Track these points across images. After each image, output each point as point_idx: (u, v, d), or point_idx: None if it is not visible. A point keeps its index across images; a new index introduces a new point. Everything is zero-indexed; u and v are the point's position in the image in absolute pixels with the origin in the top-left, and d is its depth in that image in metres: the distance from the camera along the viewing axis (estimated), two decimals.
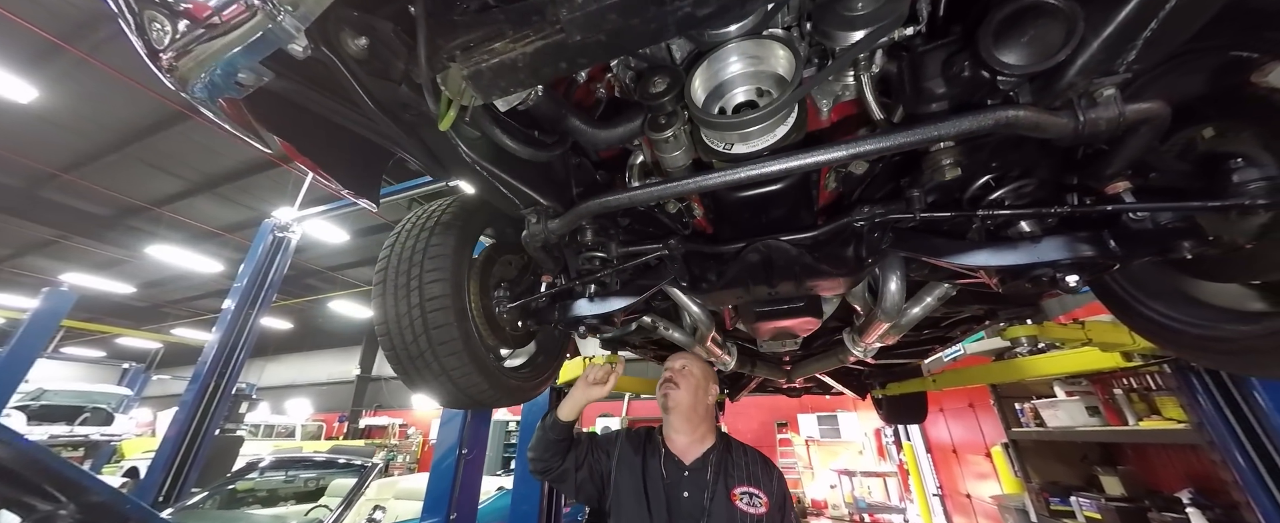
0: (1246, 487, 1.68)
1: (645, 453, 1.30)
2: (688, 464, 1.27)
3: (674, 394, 1.33)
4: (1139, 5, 0.50)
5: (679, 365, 1.38)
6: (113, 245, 11.24)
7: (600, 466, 1.31)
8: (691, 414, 1.33)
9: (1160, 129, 0.63)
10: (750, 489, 1.21)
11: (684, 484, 1.23)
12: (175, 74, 0.66)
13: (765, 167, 0.72)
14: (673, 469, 1.26)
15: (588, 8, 0.52)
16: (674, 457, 1.29)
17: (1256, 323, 0.74)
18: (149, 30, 0.65)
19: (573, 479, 1.30)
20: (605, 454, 1.32)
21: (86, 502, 1.94)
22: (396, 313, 1.04)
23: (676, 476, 1.25)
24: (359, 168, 0.96)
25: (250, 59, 0.61)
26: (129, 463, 8.08)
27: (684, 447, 1.31)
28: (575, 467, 1.29)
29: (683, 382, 1.34)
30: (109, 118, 7.59)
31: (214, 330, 4.63)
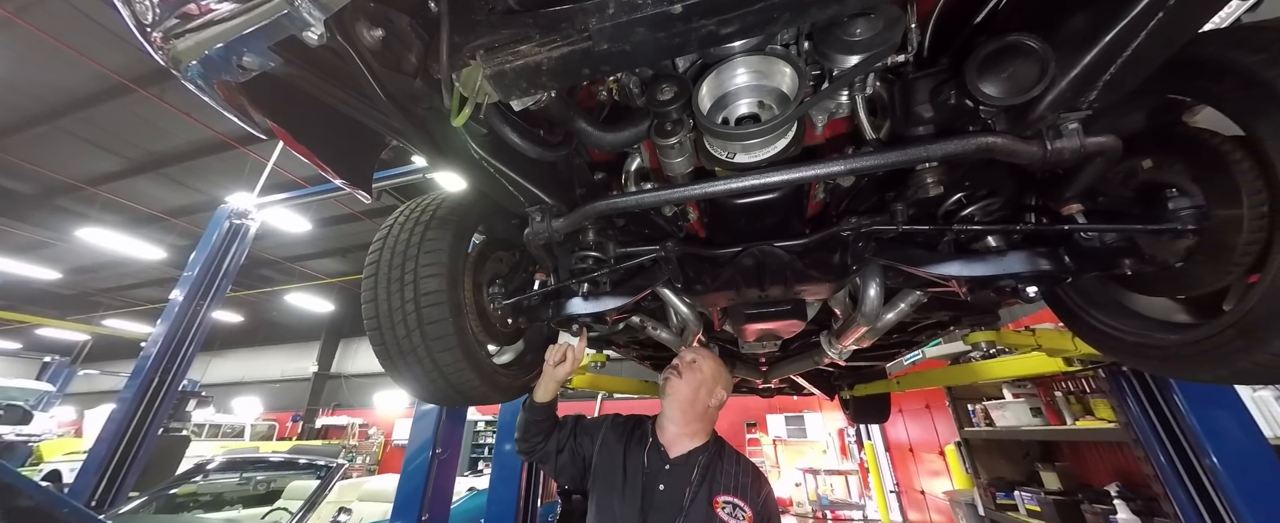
0: (1165, 480, 1.87)
1: (629, 440, 1.28)
2: (672, 458, 1.23)
3: (674, 382, 1.30)
4: (1100, 52, 0.58)
5: (689, 358, 1.33)
6: (36, 226, 10.23)
7: (583, 448, 1.30)
8: (687, 408, 1.28)
9: (1113, 159, 0.72)
10: (734, 500, 1.14)
11: (663, 477, 1.19)
12: (168, 52, 0.63)
13: (768, 177, 0.76)
14: (655, 460, 1.23)
15: (618, 19, 0.54)
16: (660, 448, 1.25)
17: (1181, 333, 0.85)
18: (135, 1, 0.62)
19: (554, 462, 1.30)
20: (589, 438, 1.31)
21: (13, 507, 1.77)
22: (389, 307, 1.02)
23: (657, 466, 1.21)
24: (353, 157, 0.94)
25: (259, 43, 0.60)
26: (49, 466, 7.36)
27: (672, 438, 1.26)
28: (557, 449, 1.29)
29: (687, 374, 1.29)
30: (38, 86, 6.91)
31: (159, 322, 4.30)
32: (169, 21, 0.61)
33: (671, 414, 1.28)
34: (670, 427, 1.27)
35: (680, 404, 1.27)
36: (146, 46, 0.65)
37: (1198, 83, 0.74)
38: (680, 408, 1.27)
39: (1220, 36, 0.73)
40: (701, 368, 1.31)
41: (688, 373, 1.29)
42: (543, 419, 1.28)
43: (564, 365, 1.25)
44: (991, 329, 1.86)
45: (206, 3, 0.59)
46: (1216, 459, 1.68)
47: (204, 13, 0.60)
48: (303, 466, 3.77)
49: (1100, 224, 0.83)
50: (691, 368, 1.30)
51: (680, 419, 1.27)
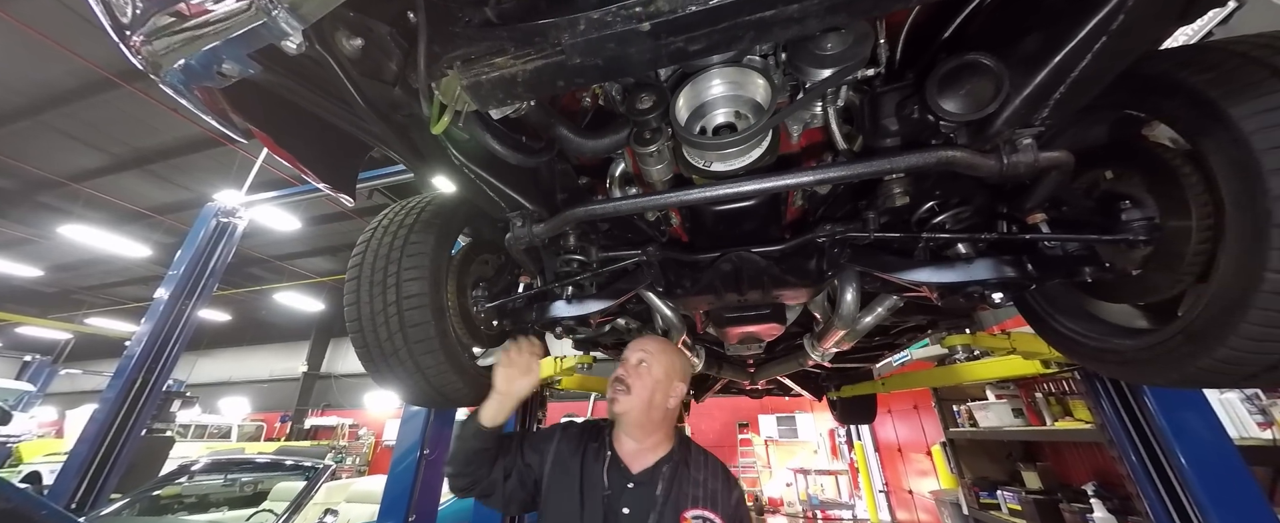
0: (1136, 480, 1.93)
1: (586, 456, 1.10)
2: (635, 474, 1.07)
3: (622, 400, 1.10)
4: (1051, 72, 0.60)
5: (635, 360, 1.14)
6: (17, 223, 10.02)
7: (532, 469, 1.11)
8: (644, 421, 1.10)
9: (1067, 173, 0.75)
10: (705, 513, 1.01)
11: (626, 498, 1.03)
12: (147, 57, 0.64)
13: (741, 186, 0.78)
14: (616, 478, 1.06)
15: (589, 35, 0.56)
16: (620, 463, 1.09)
17: (1136, 338, 0.88)
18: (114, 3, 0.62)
19: (501, 491, 1.09)
20: (538, 455, 1.12)
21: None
22: (371, 310, 1.03)
23: (619, 486, 1.05)
24: (336, 161, 0.95)
25: (238, 51, 0.61)
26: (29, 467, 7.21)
27: (633, 453, 1.10)
28: (504, 476, 1.09)
29: (636, 383, 1.10)
30: (19, 80, 6.77)
31: (144, 321, 4.24)
32: (147, 26, 0.62)
33: (629, 431, 1.12)
34: (628, 442, 1.12)
35: (635, 420, 1.10)
36: (125, 50, 0.65)
37: (1151, 99, 0.78)
38: (636, 423, 1.10)
39: (1172, 56, 0.76)
40: (651, 370, 1.12)
41: (637, 380, 1.11)
42: (490, 447, 1.08)
43: (527, 377, 1.07)
44: (967, 332, 1.90)
45: (185, 7, 0.60)
46: (1184, 460, 1.74)
47: (182, 18, 0.60)
48: (289, 467, 3.74)
49: (1059, 233, 0.86)
50: (640, 373, 1.12)
51: (639, 434, 1.11)
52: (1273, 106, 0.63)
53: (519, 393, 1.08)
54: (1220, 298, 0.70)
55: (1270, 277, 0.63)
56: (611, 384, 1.14)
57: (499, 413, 1.07)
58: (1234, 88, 0.67)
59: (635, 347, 1.18)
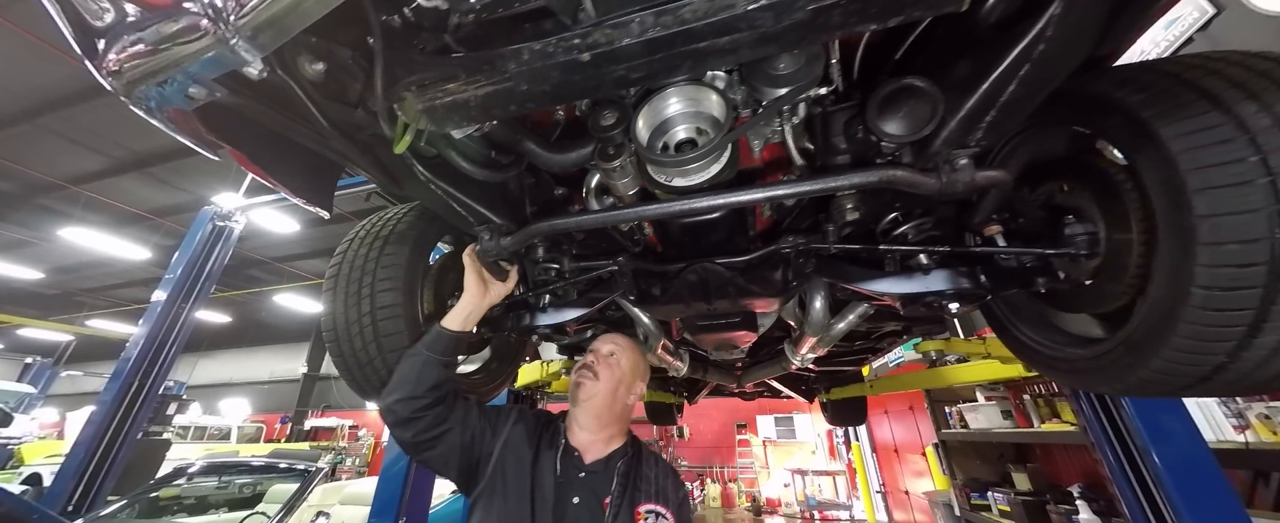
0: (1114, 480, 1.95)
1: (541, 443, 1.08)
2: (587, 464, 1.06)
3: (589, 386, 1.10)
4: (981, 97, 0.63)
5: (606, 351, 1.15)
6: (18, 226, 10.07)
7: (483, 441, 1.04)
8: (605, 412, 1.11)
9: (1006, 190, 0.77)
10: (657, 508, 1.02)
11: (577, 487, 1.02)
12: (118, 80, 0.66)
13: (693, 202, 0.81)
14: (568, 467, 1.05)
15: (533, 65, 0.59)
16: (573, 453, 1.07)
17: (1085, 348, 0.91)
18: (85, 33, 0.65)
19: (456, 442, 1.01)
20: (490, 429, 1.06)
21: None
22: (346, 321, 1.06)
23: (571, 475, 1.04)
24: (311, 176, 0.98)
25: (201, 76, 0.63)
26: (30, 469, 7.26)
27: (586, 444, 1.09)
28: (462, 428, 1.02)
29: (604, 372, 1.11)
30: (18, 84, 6.82)
31: (141, 324, 4.27)
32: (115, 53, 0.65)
33: (585, 421, 1.10)
34: (583, 433, 1.11)
35: (597, 409, 1.10)
36: (97, 75, 0.68)
37: (1093, 117, 0.80)
38: (596, 413, 1.10)
39: (1113, 75, 0.79)
40: (621, 363, 1.14)
41: (605, 370, 1.12)
42: (448, 363, 1.00)
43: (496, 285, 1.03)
44: (940, 338, 1.93)
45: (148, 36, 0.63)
46: (1159, 461, 1.76)
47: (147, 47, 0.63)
48: (283, 469, 3.77)
49: (1014, 246, 0.89)
50: (609, 363, 1.13)
51: (595, 425, 1.10)
52: (1198, 128, 0.66)
53: (493, 297, 1.05)
54: (1154, 311, 0.73)
55: (1197, 292, 0.66)
56: (578, 370, 1.15)
57: (469, 319, 1.02)
58: (1165, 108, 0.69)
59: (607, 339, 1.20)
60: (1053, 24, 0.55)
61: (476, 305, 1.03)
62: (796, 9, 0.50)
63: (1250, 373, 0.69)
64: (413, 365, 0.98)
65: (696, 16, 0.52)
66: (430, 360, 0.97)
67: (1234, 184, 0.63)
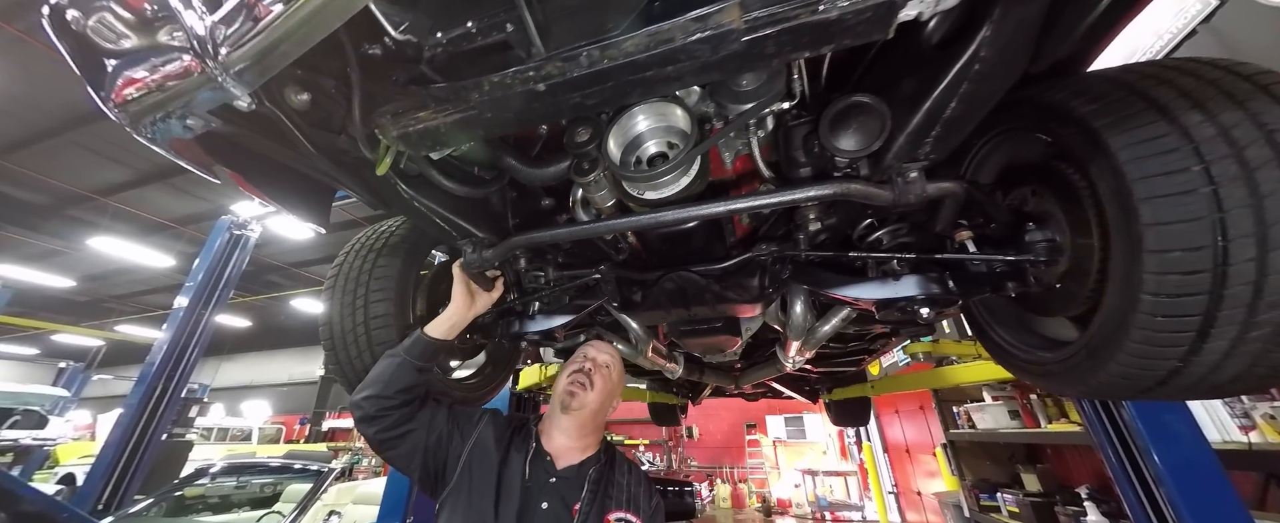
0: (1116, 481, 1.93)
1: (509, 445, 1.07)
2: (559, 470, 1.05)
3: (582, 395, 1.10)
4: (926, 112, 0.65)
5: (603, 360, 1.16)
6: (50, 236, 10.52)
7: (452, 444, 1.04)
8: (589, 422, 1.11)
9: (959, 200, 0.79)
10: (627, 516, 1.01)
11: (546, 492, 1.01)
12: (124, 114, 0.73)
13: (661, 215, 0.84)
14: (538, 471, 1.04)
15: (494, 95, 0.63)
16: (544, 457, 1.06)
17: (1054, 351, 0.92)
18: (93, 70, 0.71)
19: (419, 443, 1.02)
20: (459, 433, 1.06)
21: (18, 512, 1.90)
22: (342, 329, 1.12)
23: (541, 480, 1.03)
24: (307, 195, 1.03)
25: (195, 110, 0.69)
26: (64, 469, 7.59)
27: (561, 450, 1.08)
28: (427, 430, 1.02)
29: (599, 382, 1.12)
30: (48, 101, 7.13)
31: (164, 329, 4.46)
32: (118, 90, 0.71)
33: (567, 427, 1.10)
34: (561, 438, 1.10)
35: (583, 419, 1.10)
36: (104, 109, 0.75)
37: (1050, 125, 0.81)
38: (581, 423, 1.10)
39: (1070, 85, 0.80)
40: (612, 376, 1.15)
41: (600, 381, 1.12)
42: (424, 368, 1.01)
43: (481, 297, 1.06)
44: (929, 340, 1.92)
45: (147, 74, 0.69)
46: (1159, 461, 1.74)
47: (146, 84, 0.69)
48: (297, 470, 3.89)
49: (969, 253, 0.90)
50: (604, 374, 1.13)
51: (577, 433, 1.10)
52: (1144, 138, 0.67)
53: (480, 306, 1.08)
54: (1108, 317, 0.74)
55: (1145, 298, 0.67)
56: (571, 376, 1.13)
57: (453, 328, 1.04)
58: (1115, 119, 0.70)
59: (601, 347, 1.20)
60: (985, 45, 0.58)
61: (461, 316, 1.06)
62: (731, 41, 0.53)
63: (1205, 378, 0.70)
64: (387, 366, 1.00)
65: (639, 49, 0.55)
66: (405, 363, 1.00)
67: (1178, 193, 0.64)
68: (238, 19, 0.60)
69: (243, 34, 0.60)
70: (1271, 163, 0.61)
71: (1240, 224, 0.61)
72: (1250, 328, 0.63)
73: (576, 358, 1.19)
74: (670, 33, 0.53)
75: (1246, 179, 0.61)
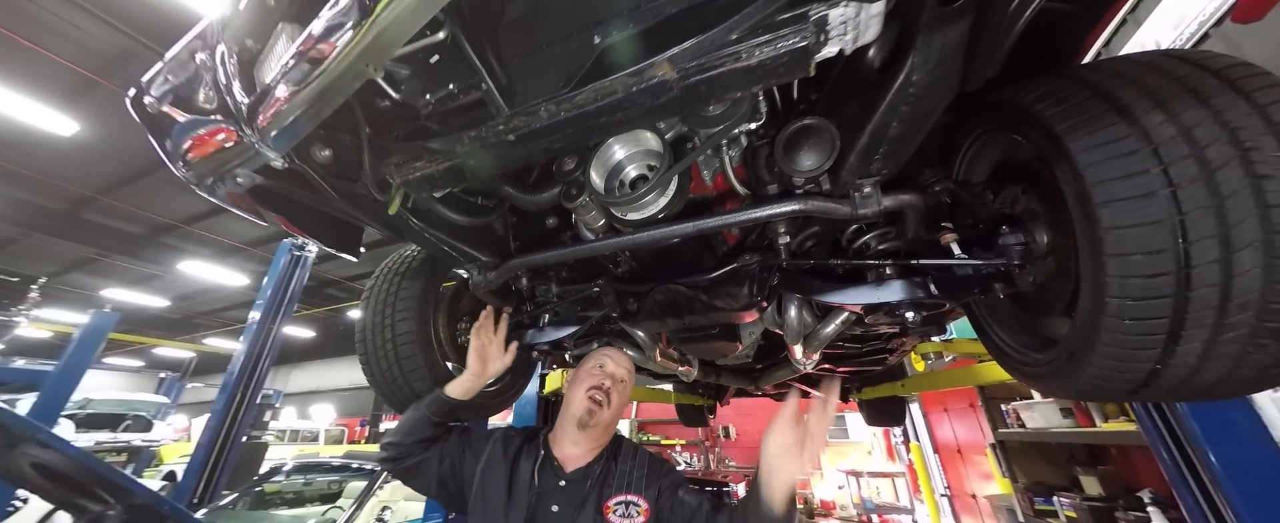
0: (1172, 483, 1.79)
1: (518, 457, 1.12)
2: (567, 473, 1.10)
3: (602, 414, 1.14)
4: (871, 133, 0.69)
5: (621, 375, 1.20)
6: (148, 262, 11.95)
7: (467, 465, 1.12)
8: (605, 432, 1.16)
9: (919, 211, 0.81)
10: (628, 497, 1.04)
11: (555, 496, 1.05)
12: (189, 174, 0.89)
13: (638, 237, 0.91)
14: (547, 478, 1.09)
15: (474, 147, 0.72)
16: (553, 463, 1.12)
17: (1043, 352, 0.90)
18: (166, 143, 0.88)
19: (433, 472, 1.10)
20: (473, 455, 1.13)
21: (130, 503, 2.23)
22: (375, 345, 1.26)
23: (550, 485, 1.08)
24: (339, 230, 1.19)
25: (242, 170, 0.84)
26: (167, 467, 8.62)
27: (572, 456, 1.13)
28: (439, 459, 1.11)
29: (617, 398, 1.16)
30: (141, 144, 8.09)
31: (241, 341, 4.99)
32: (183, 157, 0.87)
33: (580, 439, 1.14)
34: (573, 448, 1.14)
35: (599, 433, 1.15)
36: (174, 170, 0.91)
37: (1021, 128, 0.81)
38: (596, 437, 1.15)
39: (1042, 85, 0.80)
40: (628, 387, 1.20)
41: (618, 396, 1.17)
42: (440, 422, 1.12)
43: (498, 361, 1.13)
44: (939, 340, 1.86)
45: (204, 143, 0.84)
46: (1217, 462, 1.60)
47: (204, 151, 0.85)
48: (355, 468, 4.25)
49: (948, 258, 0.91)
50: (621, 389, 1.18)
51: (589, 441, 1.15)
52: (1104, 141, 0.67)
53: (490, 372, 1.15)
54: (1082, 319, 0.74)
55: (1111, 302, 0.67)
56: (591, 391, 1.16)
57: (463, 391, 1.13)
58: (1076, 122, 0.70)
59: (620, 360, 1.24)
60: (916, 69, 0.61)
61: (476, 380, 1.16)
62: (668, 90, 0.60)
63: (1187, 381, 0.68)
64: (411, 419, 1.13)
65: (588, 102, 0.63)
66: (425, 418, 1.11)
67: (1137, 196, 0.64)
68: (268, 98, 0.73)
69: (273, 109, 0.73)
70: (1233, 162, 0.60)
71: (1202, 226, 0.60)
72: (1223, 330, 0.62)
73: (592, 372, 1.22)
74: (613, 86, 0.60)
75: (1207, 180, 0.60)
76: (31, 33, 6.02)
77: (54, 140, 7.34)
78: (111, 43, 6.29)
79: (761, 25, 0.54)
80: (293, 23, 0.67)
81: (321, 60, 0.60)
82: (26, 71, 6.40)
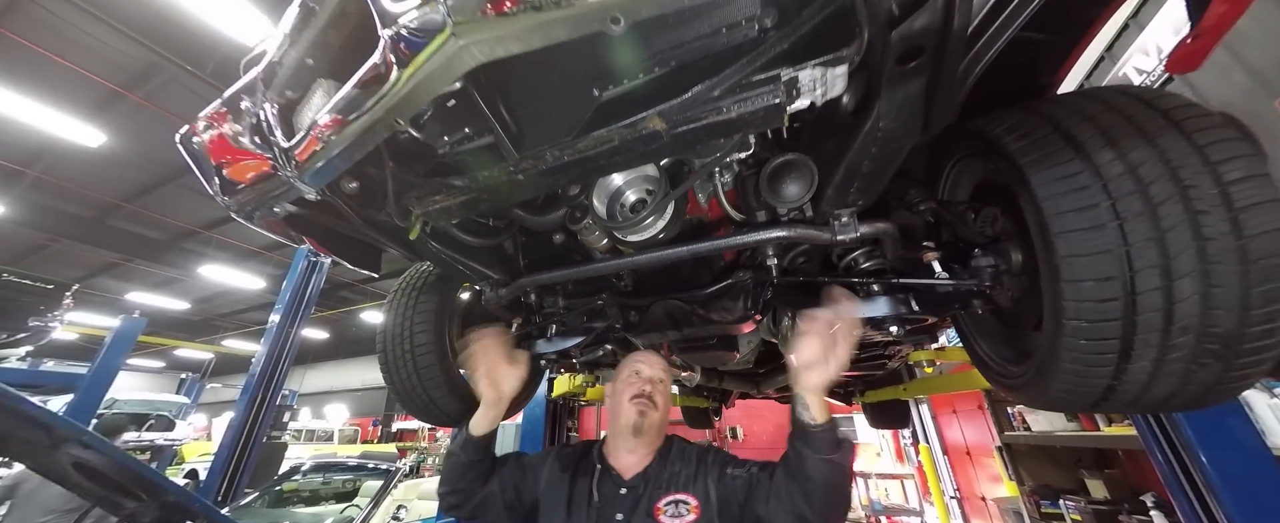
0: (1168, 486, 1.82)
1: (576, 472, 1.13)
2: (627, 481, 1.09)
3: (652, 416, 1.12)
4: (845, 170, 0.76)
5: (659, 376, 1.18)
6: (169, 266, 12.33)
7: (528, 489, 1.13)
8: (657, 433, 1.15)
9: (894, 237, 0.88)
10: (678, 496, 1.04)
11: (618, 505, 1.05)
12: (231, 204, 0.98)
13: (636, 260, 0.99)
14: (607, 488, 1.08)
15: (487, 184, 0.81)
16: (611, 474, 1.11)
17: (1019, 366, 0.96)
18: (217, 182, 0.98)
19: (500, 504, 1.11)
20: (534, 476, 1.14)
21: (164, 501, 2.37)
22: (395, 356, 1.36)
23: (610, 495, 1.07)
24: (363, 250, 1.28)
25: (280, 202, 0.93)
26: (189, 466, 8.90)
27: (629, 465, 1.13)
28: (501, 489, 1.11)
29: (661, 399, 1.15)
30: (164, 153, 8.42)
31: (261, 344, 5.15)
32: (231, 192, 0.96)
33: (634, 446, 1.13)
34: (629, 456, 1.14)
35: (653, 436, 1.13)
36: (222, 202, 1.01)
37: (990, 158, 0.88)
38: (651, 441, 1.14)
39: (1007, 119, 0.86)
40: (667, 387, 1.19)
41: (660, 397, 1.15)
42: (481, 459, 1.09)
43: (509, 381, 1.08)
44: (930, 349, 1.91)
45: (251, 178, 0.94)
46: (1209, 465, 1.63)
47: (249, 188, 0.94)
48: (370, 468, 4.39)
49: (924, 278, 0.97)
50: (663, 392, 1.17)
51: (643, 445, 1.14)
52: (1060, 176, 0.73)
53: (507, 393, 1.10)
54: (1046, 337, 0.80)
55: (1068, 323, 0.73)
56: (634, 400, 1.14)
57: (488, 422, 1.09)
58: (1037, 156, 0.76)
59: (654, 363, 1.21)
60: (882, 116, 0.68)
61: (496, 407, 1.10)
62: (659, 139, 0.68)
63: (1140, 396, 0.74)
64: (451, 467, 1.12)
65: (589, 148, 0.71)
66: (462, 461, 1.10)
67: (1089, 227, 0.70)
68: (306, 142, 0.82)
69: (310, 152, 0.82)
70: (1173, 198, 0.65)
71: (1146, 256, 0.66)
72: (1168, 351, 0.68)
73: (630, 380, 1.19)
74: (610, 136, 0.68)
75: (1150, 215, 0.66)
76: (59, 48, 6.29)
77: (81, 151, 7.62)
78: (136, 57, 6.54)
79: (740, 85, 0.61)
80: (329, 79, 0.76)
81: (355, 113, 0.68)
82: (55, 85, 6.68)
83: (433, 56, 0.58)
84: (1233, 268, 0.62)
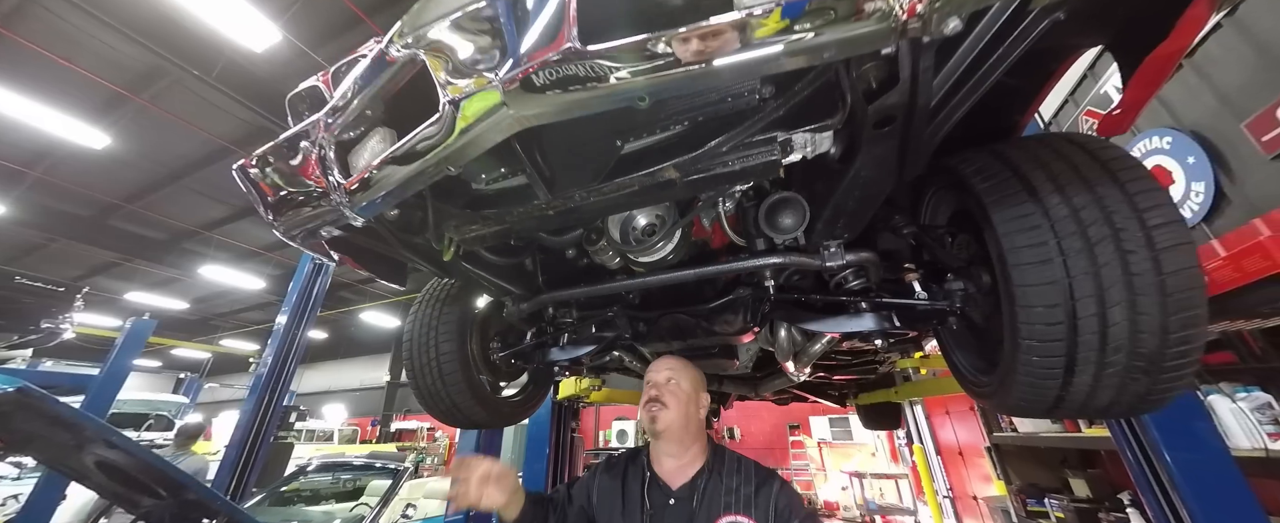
0: (1137, 485, 1.94)
1: (626, 479, 1.14)
2: (675, 490, 1.09)
3: (663, 416, 1.13)
4: (832, 208, 0.88)
5: (664, 378, 1.18)
6: (169, 266, 12.36)
7: (585, 511, 1.14)
8: (683, 435, 1.14)
9: (877, 265, 1.00)
10: (736, 518, 1.02)
11: (668, 515, 1.05)
12: (283, 228, 1.09)
13: (646, 281, 1.11)
14: (657, 497, 1.08)
15: (522, 218, 0.92)
16: (660, 482, 1.11)
17: (988, 376, 1.08)
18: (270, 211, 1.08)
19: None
20: (585, 494, 1.17)
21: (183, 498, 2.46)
22: (421, 363, 1.47)
23: (661, 503, 1.07)
24: (392, 268, 1.40)
25: (329, 226, 1.04)
26: None
27: (672, 471, 1.12)
28: (564, 520, 1.14)
29: (671, 399, 1.15)
30: (166, 154, 8.49)
31: (269, 345, 5.22)
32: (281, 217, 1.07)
33: (668, 448, 1.14)
34: (669, 461, 1.14)
35: (676, 435, 1.13)
36: (272, 227, 1.12)
37: (961, 194, 1.00)
38: (676, 439, 1.14)
39: (975, 160, 0.97)
40: (681, 385, 1.17)
41: (671, 397, 1.15)
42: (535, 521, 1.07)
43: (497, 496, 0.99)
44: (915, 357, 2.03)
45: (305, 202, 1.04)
46: (1173, 465, 1.75)
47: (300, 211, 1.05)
48: (378, 468, 4.48)
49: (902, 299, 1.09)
50: (671, 390, 1.16)
51: (679, 449, 1.14)
52: (1016, 216, 0.85)
53: (499, 500, 1.01)
54: (1006, 353, 0.92)
55: (1023, 342, 0.85)
56: (646, 406, 1.16)
57: (515, 509, 1.03)
58: (998, 197, 0.88)
59: (660, 366, 1.22)
60: (864, 165, 0.80)
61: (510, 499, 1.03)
62: (674, 186, 0.79)
63: (1085, 404, 0.87)
64: None
65: (612, 191, 0.82)
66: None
67: (1039, 262, 0.82)
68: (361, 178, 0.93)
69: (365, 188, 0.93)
70: (1107, 239, 0.78)
71: (1084, 287, 0.78)
72: (1105, 367, 0.80)
73: (645, 392, 1.21)
74: (631, 182, 0.80)
75: (1088, 252, 0.78)
76: (65, 50, 6.35)
77: (85, 152, 7.66)
78: (141, 60, 6.61)
79: (742, 144, 0.73)
80: (385, 126, 0.87)
81: (412, 161, 0.80)
82: (60, 88, 6.74)
83: (484, 119, 0.69)
84: (1154, 299, 0.75)
